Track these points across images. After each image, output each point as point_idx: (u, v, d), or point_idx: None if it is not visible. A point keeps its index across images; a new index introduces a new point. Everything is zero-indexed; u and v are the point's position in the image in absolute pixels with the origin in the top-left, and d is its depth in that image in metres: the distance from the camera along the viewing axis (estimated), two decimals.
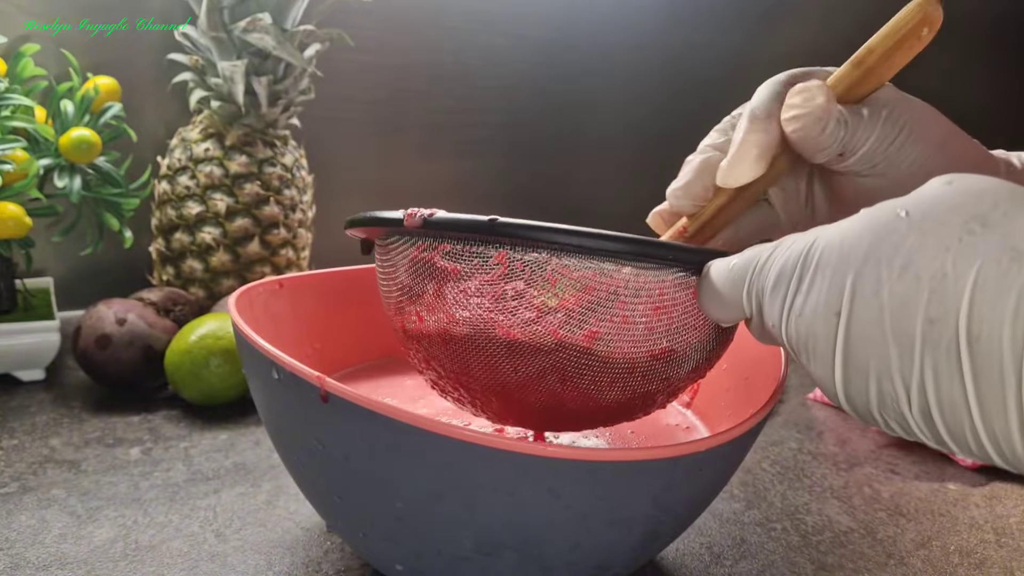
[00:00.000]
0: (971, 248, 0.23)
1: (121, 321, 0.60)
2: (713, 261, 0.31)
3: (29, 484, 0.48)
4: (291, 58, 0.69)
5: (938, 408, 0.23)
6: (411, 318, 0.35)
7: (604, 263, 0.32)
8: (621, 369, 0.33)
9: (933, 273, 0.23)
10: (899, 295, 0.24)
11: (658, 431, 0.47)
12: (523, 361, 0.33)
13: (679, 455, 0.32)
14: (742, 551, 0.46)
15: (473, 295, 0.33)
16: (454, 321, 0.33)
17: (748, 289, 0.29)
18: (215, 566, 0.41)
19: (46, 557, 0.41)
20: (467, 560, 0.34)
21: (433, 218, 0.32)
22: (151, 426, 0.57)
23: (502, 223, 0.31)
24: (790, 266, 0.27)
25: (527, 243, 0.32)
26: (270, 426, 0.40)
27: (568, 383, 0.33)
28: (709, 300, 0.31)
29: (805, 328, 0.26)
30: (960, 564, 0.46)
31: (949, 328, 0.22)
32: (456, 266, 0.33)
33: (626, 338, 0.32)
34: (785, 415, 0.67)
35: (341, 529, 0.40)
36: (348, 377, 0.51)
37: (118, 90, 0.68)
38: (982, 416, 0.22)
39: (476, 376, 0.35)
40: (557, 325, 0.32)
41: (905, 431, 0.25)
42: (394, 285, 0.36)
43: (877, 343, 0.24)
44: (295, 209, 0.75)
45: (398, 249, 0.35)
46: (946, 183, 0.25)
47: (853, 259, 0.25)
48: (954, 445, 0.24)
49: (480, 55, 0.98)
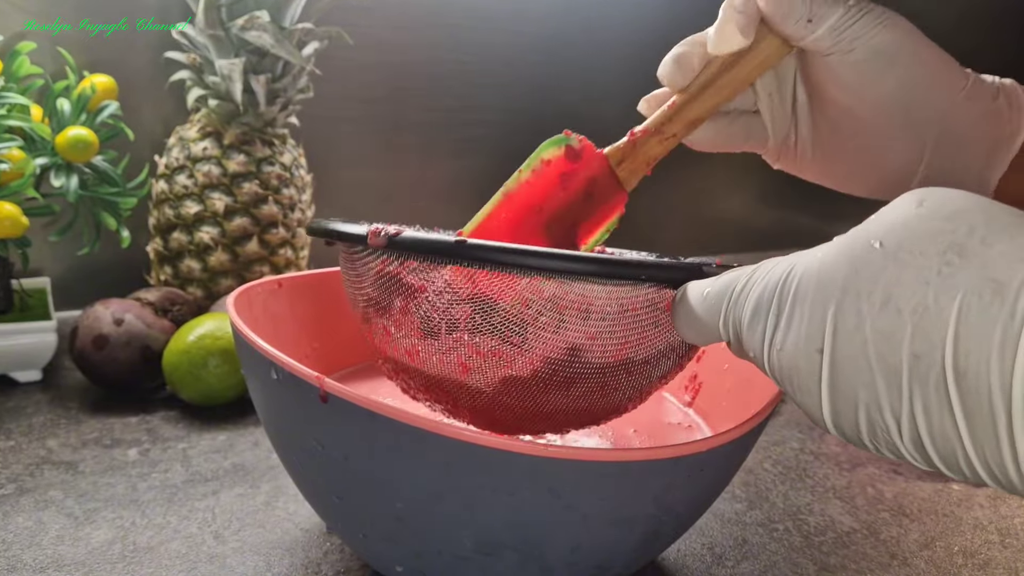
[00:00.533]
0: (951, 280, 0.22)
1: (119, 321, 0.60)
2: (688, 285, 0.31)
3: (26, 486, 0.48)
4: (289, 56, 0.69)
5: (930, 439, 0.23)
6: (378, 329, 0.35)
7: (575, 283, 0.31)
8: (592, 381, 0.33)
9: (914, 307, 0.23)
10: (882, 330, 0.23)
11: (659, 431, 0.47)
12: (491, 376, 0.33)
13: (681, 455, 0.32)
14: (744, 552, 0.46)
15: (439, 312, 0.32)
16: (420, 337, 0.33)
17: (724, 318, 0.29)
18: (214, 567, 0.41)
19: (43, 559, 0.41)
20: (467, 560, 0.34)
21: (399, 237, 0.32)
22: (149, 427, 0.57)
23: (470, 245, 0.30)
24: (767, 298, 0.27)
25: (497, 265, 0.31)
26: (269, 427, 0.39)
27: (539, 395, 0.33)
28: (684, 325, 0.31)
29: (788, 363, 0.26)
30: (964, 565, 0.46)
31: (935, 363, 0.22)
32: (423, 283, 0.33)
33: (597, 352, 0.32)
34: (787, 415, 0.66)
35: (341, 530, 0.40)
36: (347, 377, 0.51)
37: (115, 88, 0.68)
38: (974, 446, 0.22)
39: (444, 389, 0.35)
40: (527, 342, 0.32)
41: (897, 456, 0.25)
42: (360, 295, 0.36)
43: (863, 376, 0.24)
44: (294, 208, 0.75)
45: (363, 261, 0.35)
46: (917, 205, 0.25)
47: (831, 291, 0.25)
48: (948, 471, 0.24)
49: (479, 53, 0.97)
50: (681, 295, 0.31)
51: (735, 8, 0.35)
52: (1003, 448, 0.22)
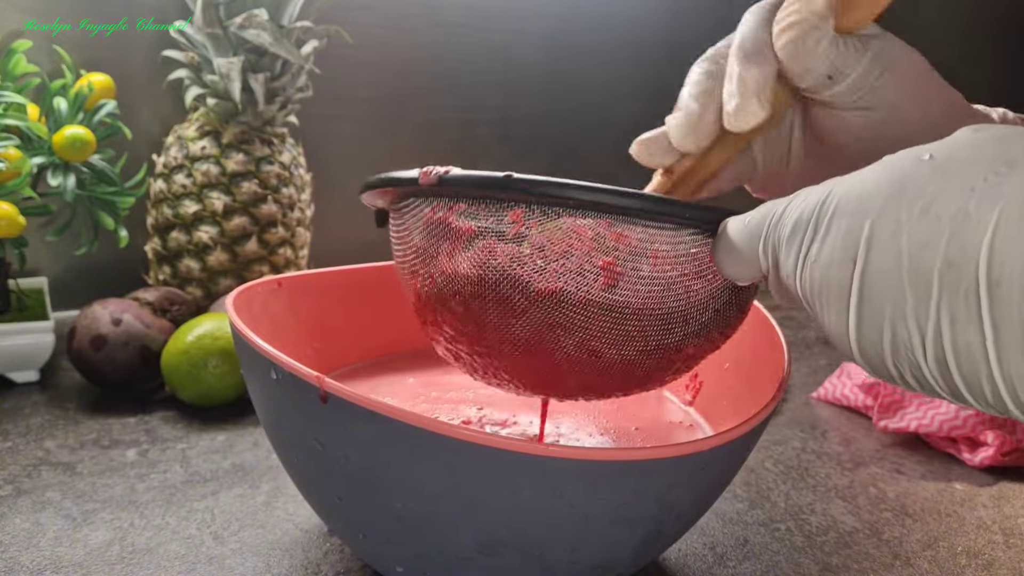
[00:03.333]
0: (996, 188, 0.22)
1: (117, 321, 0.60)
2: (728, 219, 0.31)
3: (23, 487, 0.48)
4: (288, 55, 0.68)
5: (954, 355, 0.22)
6: (426, 281, 0.35)
7: (619, 221, 0.31)
8: (633, 326, 0.33)
9: (954, 213, 0.22)
10: (918, 237, 0.23)
11: (661, 430, 0.47)
12: (539, 315, 0.33)
13: (682, 455, 0.31)
14: (746, 552, 0.46)
15: (488, 253, 0.33)
16: (469, 280, 0.33)
17: (764, 242, 0.29)
18: (213, 568, 0.41)
19: (41, 561, 0.41)
20: (468, 561, 0.33)
21: (448, 175, 0.32)
22: (147, 427, 0.57)
23: (517, 179, 0.31)
24: (807, 215, 0.26)
25: (541, 200, 0.32)
26: (268, 427, 0.39)
27: (582, 340, 0.33)
28: (726, 257, 0.31)
29: (820, 275, 0.26)
30: (967, 565, 0.46)
31: (969, 271, 0.22)
32: (471, 225, 0.33)
33: (640, 295, 0.32)
34: (789, 414, 0.66)
35: (341, 530, 0.40)
36: (347, 376, 0.51)
37: (112, 87, 0.68)
38: (999, 362, 0.22)
39: (490, 338, 0.34)
40: (572, 281, 0.32)
41: (919, 383, 0.24)
42: (409, 249, 0.36)
43: (893, 289, 0.23)
44: (293, 207, 0.74)
45: (412, 212, 0.35)
46: (974, 131, 0.24)
47: (872, 204, 0.24)
48: (968, 395, 0.23)
49: (479, 51, 0.97)
50: (722, 229, 0.31)
51: (754, 80, 0.32)
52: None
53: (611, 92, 1.07)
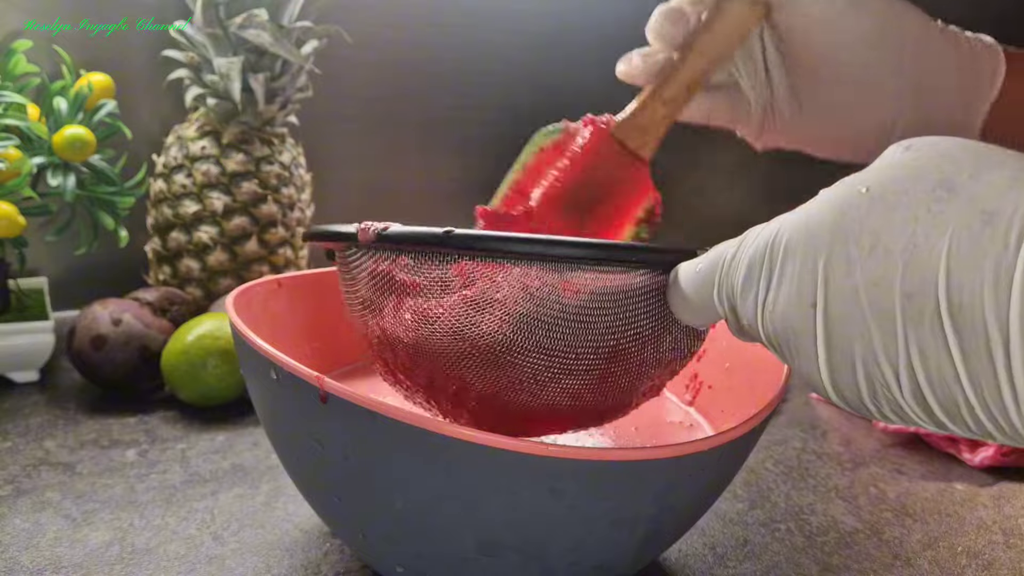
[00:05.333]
0: (940, 216, 0.22)
1: (117, 321, 0.60)
2: (680, 266, 0.30)
3: (23, 487, 0.48)
4: (288, 55, 0.68)
5: (929, 387, 0.22)
6: (375, 330, 0.35)
7: (567, 269, 0.31)
8: (592, 374, 0.33)
9: (904, 246, 0.22)
10: (872, 274, 0.23)
11: (661, 430, 0.47)
12: (489, 371, 0.33)
13: (682, 455, 0.31)
14: (746, 552, 0.46)
15: (434, 307, 0.32)
16: (417, 333, 0.33)
17: (718, 291, 0.28)
18: (213, 569, 0.41)
19: (40, 561, 0.41)
20: (468, 561, 0.33)
21: (387, 232, 0.32)
22: (147, 428, 0.57)
23: (457, 235, 0.30)
24: (758, 259, 0.26)
25: (484, 254, 0.31)
26: (268, 427, 0.39)
27: (539, 389, 0.33)
28: (680, 306, 0.31)
29: (781, 322, 0.25)
30: (968, 566, 0.46)
31: (929, 301, 0.21)
32: (415, 279, 0.33)
33: (592, 341, 0.32)
34: (789, 414, 0.66)
35: (341, 530, 0.40)
36: (347, 376, 0.51)
37: (112, 87, 0.68)
38: (974, 390, 0.21)
39: (442, 388, 0.34)
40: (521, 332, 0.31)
41: (901, 418, 0.24)
42: (356, 298, 0.36)
43: (858, 327, 0.23)
44: (293, 207, 0.74)
45: (357, 262, 0.35)
46: (904, 150, 0.24)
47: (820, 242, 0.24)
48: (952, 425, 0.23)
49: (478, 51, 0.97)
50: (674, 277, 0.31)
51: None
52: (1003, 388, 0.21)
53: (612, 92, 1.07)
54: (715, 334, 0.48)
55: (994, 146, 0.23)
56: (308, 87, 0.74)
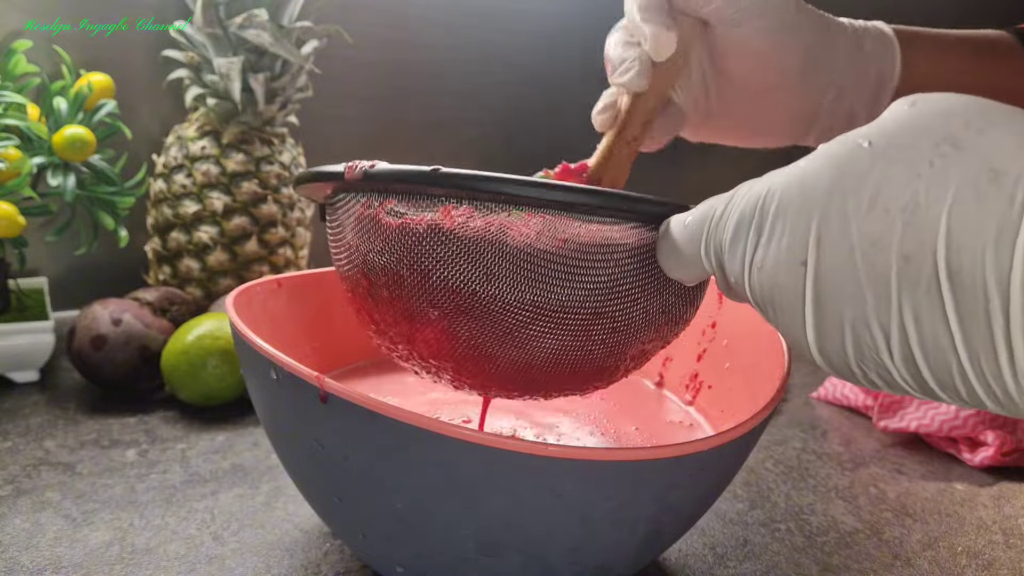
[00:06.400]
0: (944, 172, 0.21)
1: (117, 321, 0.60)
2: (670, 219, 0.30)
3: (23, 487, 0.48)
4: (288, 55, 0.68)
5: (922, 353, 0.21)
6: (360, 280, 0.34)
7: (558, 216, 0.30)
8: (576, 325, 0.32)
9: (904, 204, 0.21)
10: (869, 233, 0.22)
11: (661, 429, 0.47)
12: (473, 321, 0.31)
13: (682, 454, 0.31)
14: (746, 552, 0.46)
15: (421, 251, 0.31)
16: (401, 280, 0.32)
17: (706, 246, 0.27)
18: (213, 569, 0.41)
19: (40, 561, 0.41)
20: (469, 561, 0.33)
21: (374, 170, 0.31)
22: (147, 428, 0.57)
23: (444, 173, 0.29)
24: (748, 215, 0.25)
25: (472, 195, 0.30)
26: (268, 427, 0.39)
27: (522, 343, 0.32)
28: (668, 259, 0.30)
29: (769, 281, 0.24)
30: (968, 566, 0.46)
31: (927, 264, 0.21)
32: (400, 221, 0.31)
33: (580, 294, 0.31)
34: (789, 414, 0.66)
35: (341, 530, 0.40)
36: (347, 375, 0.51)
37: (112, 87, 0.68)
38: (969, 356, 0.20)
39: (427, 339, 0.33)
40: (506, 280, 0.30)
41: (888, 383, 0.23)
42: (342, 245, 0.35)
43: (849, 289, 0.22)
44: (293, 207, 0.74)
45: (344, 207, 0.34)
46: (909, 105, 0.23)
47: (815, 199, 0.23)
48: (941, 392, 0.22)
49: (479, 52, 0.97)
50: (664, 229, 0.30)
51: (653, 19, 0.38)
52: (1000, 354, 0.20)
53: None
54: (716, 335, 0.49)
55: (1004, 104, 0.22)
56: (308, 87, 0.74)
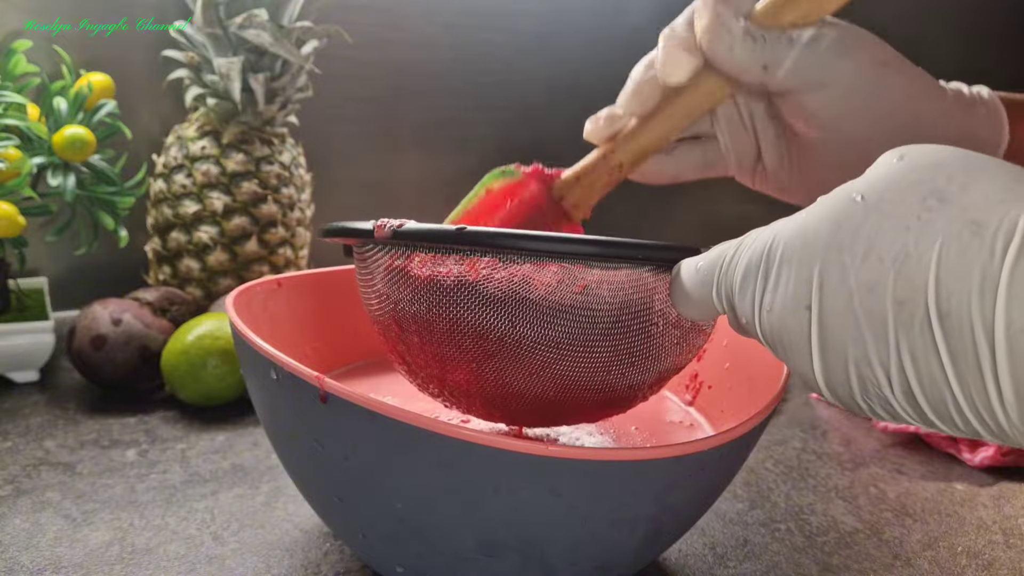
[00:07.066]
0: (930, 225, 0.23)
1: (117, 321, 0.60)
2: (682, 263, 0.31)
3: (23, 487, 0.48)
4: (288, 55, 0.68)
5: (919, 388, 0.23)
6: (391, 326, 0.36)
7: (575, 265, 0.32)
8: (597, 365, 0.33)
9: (895, 255, 0.23)
10: (865, 280, 0.24)
11: (661, 430, 0.47)
12: (499, 362, 0.33)
13: (682, 454, 0.31)
14: (746, 552, 0.46)
15: (449, 302, 0.33)
16: (431, 326, 0.34)
17: (717, 289, 0.29)
18: (213, 569, 0.41)
19: (40, 561, 0.41)
20: (469, 561, 0.33)
21: (402, 229, 0.33)
22: (147, 428, 0.57)
23: (469, 231, 0.32)
24: (755, 261, 0.27)
25: (495, 251, 0.32)
26: (268, 427, 0.39)
27: (547, 381, 0.34)
28: (681, 301, 0.32)
29: (777, 323, 0.26)
30: (968, 566, 0.46)
31: (919, 307, 0.22)
32: (429, 273, 0.33)
33: (599, 335, 0.33)
34: (789, 414, 0.66)
35: (341, 530, 0.40)
36: (347, 376, 0.51)
37: (112, 87, 0.68)
38: (963, 391, 0.22)
39: (454, 379, 0.35)
40: (531, 325, 0.32)
41: (892, 416, 0.25)
42: (372, 292, 0.37)
43: (851, 331, 0.24)
44: (293, 207, 0.74)
45: (374, 258, 0.36)
46: (897, 159, 0.25)
47: (815, 248, 0.25)
48: (941, 423, 0.24)
49: (478, 51, 0.97)
50: (676, 272, 0.32)
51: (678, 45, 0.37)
52: (990, 390, 0.22)
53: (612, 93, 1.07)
54: (716, 334, 0.49)
55: (986, 156, 0.24)
56: (308, 87, 0.74)
